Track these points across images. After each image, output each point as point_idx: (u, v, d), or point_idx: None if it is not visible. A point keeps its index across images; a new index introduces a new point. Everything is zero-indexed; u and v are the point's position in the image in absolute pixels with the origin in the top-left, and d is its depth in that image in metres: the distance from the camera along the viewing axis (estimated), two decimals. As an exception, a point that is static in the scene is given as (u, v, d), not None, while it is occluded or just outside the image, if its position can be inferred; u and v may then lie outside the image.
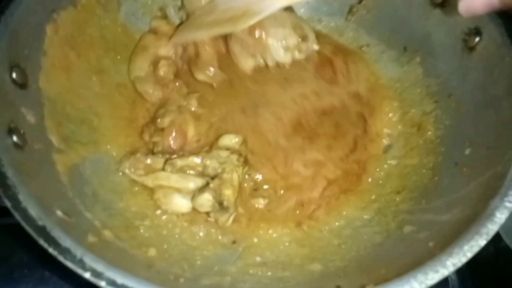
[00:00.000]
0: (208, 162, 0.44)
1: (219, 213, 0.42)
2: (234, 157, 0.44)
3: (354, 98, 0.54)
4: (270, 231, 0.45)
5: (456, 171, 0.43)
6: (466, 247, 0.30)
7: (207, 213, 0.43)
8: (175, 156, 0.46)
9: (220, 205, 0.42)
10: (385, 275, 0.34)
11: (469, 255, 0.30)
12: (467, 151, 0.43)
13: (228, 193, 0.42)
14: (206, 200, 0.42)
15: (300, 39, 0.52)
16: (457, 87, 0.49)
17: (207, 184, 0.43)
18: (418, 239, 0.38)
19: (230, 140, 0.46)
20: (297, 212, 0.46)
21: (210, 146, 0.47)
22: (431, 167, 0.46)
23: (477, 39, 0.46)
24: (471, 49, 0.47)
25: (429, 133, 0.50)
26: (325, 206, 0.47)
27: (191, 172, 0.44)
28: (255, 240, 0.44)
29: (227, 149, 0.45)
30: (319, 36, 0.55)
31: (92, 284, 0.29)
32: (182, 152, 0.47)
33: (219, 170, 0.43)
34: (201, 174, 0.44)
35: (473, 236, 0.31)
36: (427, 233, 0.38)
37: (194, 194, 0.43)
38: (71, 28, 0.48)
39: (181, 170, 0.44)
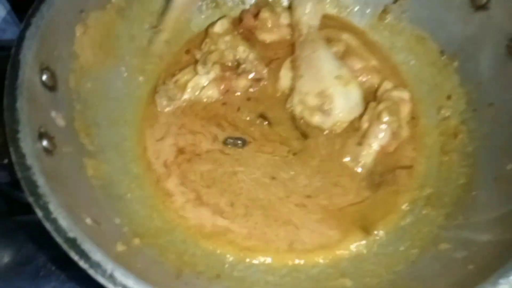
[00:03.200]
0: (222, 46, 0.52)
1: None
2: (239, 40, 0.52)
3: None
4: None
5: (496, 187, 0.41)
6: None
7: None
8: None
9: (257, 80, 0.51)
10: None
11: (516, 285, 0.28)
12: (509, 166, 0.41)
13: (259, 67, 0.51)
14: (243, 82, 0.51)
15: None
16: (498, 96, 0.46)
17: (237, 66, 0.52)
18: (455, 259, 0.36)
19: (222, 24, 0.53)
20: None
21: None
22: (468, 180, 0.44)
23: (523, 45, 0.43)
24: (516, 56, 0.44)
25: (466, 143, 0.48)
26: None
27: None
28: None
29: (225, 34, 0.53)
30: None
31: None
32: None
33: (240, 54, 0.52)
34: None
35: (520, 264, 0.29)
36: (465, 253, 0.36)
37: None
38: (100, 28, 0.47)
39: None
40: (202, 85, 0.50)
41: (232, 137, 0.48)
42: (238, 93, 0.51)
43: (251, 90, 0.52)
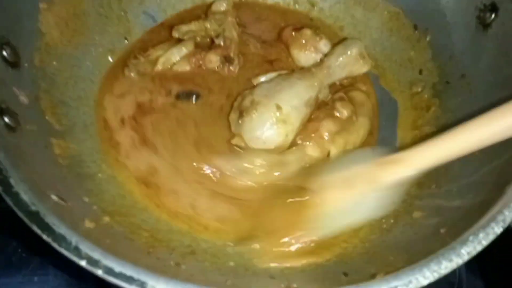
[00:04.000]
0: (208, 25, 0.51)
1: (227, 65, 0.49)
2: (230, 18, 0.51)
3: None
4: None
5: (468, 155, 0.41)
6: (481, 235, 0.29)
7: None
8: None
9: (226, 58, 0.49)
10: (393, 262, 0.33)
11: (485, 243, 0.29)
12: (480, 134, 0.41)
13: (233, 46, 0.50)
14: (214, 57, 0.49)
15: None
16: (470, 67, 0.46)
17: (212, 43, 0.50)
18: (428, 225, 0.37)
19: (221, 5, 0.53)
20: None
21: (205, 14, 0.53)
22: (441, 151, 0.44)
23: (492, 16, 0.44)
24: (486, 26, 0.45)
25: (438, 115, 0.48)
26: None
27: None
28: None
29: (221, 13, 0.52)
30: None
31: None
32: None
33: (219, 31, 0.51)
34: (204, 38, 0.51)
35: (489, 223, 0.29)
36: (437, 219, 0.36)
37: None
38: (66, 4, 0.45)
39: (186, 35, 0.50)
40: (173, 61, 0.49)
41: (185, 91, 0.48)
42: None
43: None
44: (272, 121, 0.43)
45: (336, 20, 0.58)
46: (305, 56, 0.52)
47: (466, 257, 0.28)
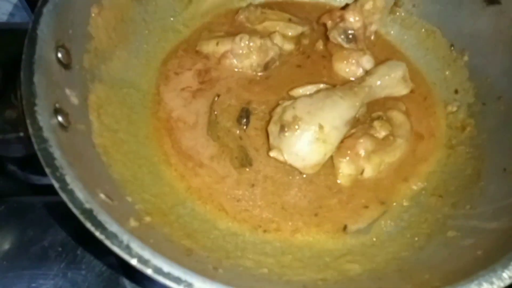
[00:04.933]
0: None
1: None
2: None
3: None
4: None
5: (505, 177, 0.41)
6: (523, 259, 0.29)
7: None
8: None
9: None
10: (429, 281, 0.33)
11: (526, 268, 0.29)
12: (517, 157, 0.41)
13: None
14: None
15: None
16: (507, 89, 0.47)
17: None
18: (463, 246, 0.37)
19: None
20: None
21: None
22: (476, 171, 0.45)
23: (533, 40, 0.44)
24: (525, 50, 0.45)
25: (474, 135, 0.48)
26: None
27: None
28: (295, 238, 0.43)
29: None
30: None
31: (123, 264, 0.29)
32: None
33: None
34: None
35: (530, 248, 0.30)
36: (473, 240, 0.37)
37: None
38: (115, 11, 0.47)
39: None
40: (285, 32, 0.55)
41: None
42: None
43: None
44: (313, 140, 0.43)
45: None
46: (345, 67, 0.52)
47: (507, 281, 0.28)
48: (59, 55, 0.39)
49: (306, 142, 0.43)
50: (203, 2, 0.57)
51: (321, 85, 0.49)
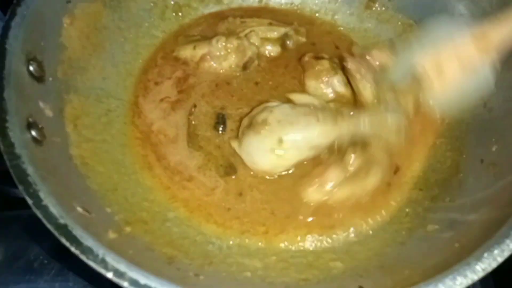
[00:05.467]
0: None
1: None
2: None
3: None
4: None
5: (482, 169, 0.42)
6: (496, 251, 0.29)
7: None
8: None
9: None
10: (409, 276, 0.33)
11: (500, 259, 0.29)
12: (494, 148, 0.42)
13: None
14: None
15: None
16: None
17: None
18: (442, 239, 0.37)
19: None
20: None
21: None
22: (455, 164, 0.45)
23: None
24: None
25: (453, 128, 0.48)
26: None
27: None
28: (279, 238, 0.43)
29: None
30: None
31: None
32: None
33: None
34: None
35: (504, 240, 0.30)
36: (452, 233, 0.37)
37: None
38: (88, 19, 0.47)
39: None
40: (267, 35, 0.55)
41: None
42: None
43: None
44: (268, 149, 0.43)
45: (351, 31, 0.59)
46: (315, 85, 0.50)
47: (481, 274, 0.29)
48: (31, 68, 0.39)
49: (261, 148, 0.43)
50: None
51: (316, 102, 0.46)
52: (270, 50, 0.55)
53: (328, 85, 0.50)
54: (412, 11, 0.55)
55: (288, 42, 0.56)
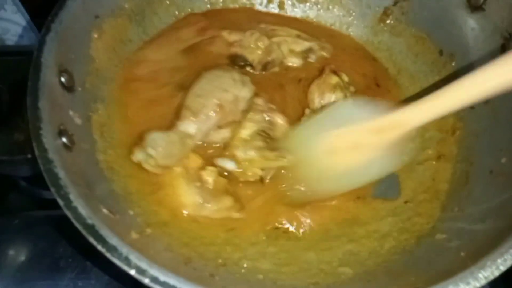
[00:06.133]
0: None
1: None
2: None
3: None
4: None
5: (491, 180, 0.43)
6: (499, 260, 0.30)
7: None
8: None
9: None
10: (414, 282, 0.35)
11: (502, 268, 0.30)
12: (503, 160, 0.43)
13: None
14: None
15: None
16: (494, 93, 0.48)
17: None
18: (449, 248, 0.38)
19: None
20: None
21: None
22: (464, 174, 0.46)
23: (517, 44, 0.45)
24: (511, 55, 0.46)
25: (463, 138, 0.49)
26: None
27: None
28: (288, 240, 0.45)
29: None
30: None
31: (129, 275, 0.31)
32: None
33: None
34: None
35: (508, 250, 0.31)
36: (459, 242, 0.38)
37: None
38: (114, 33, 0.50)
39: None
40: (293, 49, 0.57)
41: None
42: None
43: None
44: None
45: (365, 44, 0.60)
46: (315, 92, 0.52)
47: (483, 281, 0.30)
48: (62, 79, 0.42)
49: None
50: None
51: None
52: (293, 61, 0.57)
53: (323, 99, 0.51)
54: (424, 25, 0.56)
55: (310, 56, 0.57)
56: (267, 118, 0.49)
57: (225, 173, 0.46)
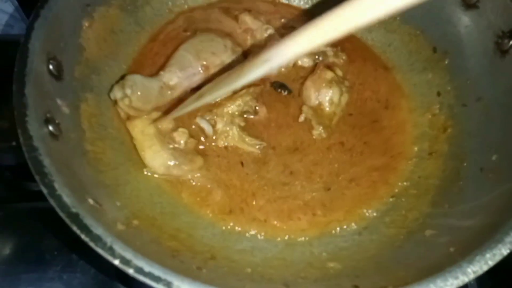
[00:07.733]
0: None
1: None
2: None
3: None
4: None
5: (482, 177, 0.43)
6: (488, 255, 0.30)
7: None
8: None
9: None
10: (404, 277, 0.34)
11: (491, 263, 0.30)
12: (494, 157, 0.43)
13: None
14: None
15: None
16: (486, 91, 0.48)
17: None
18: (439, 244, 0.38)
19: None
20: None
21: None
22: (455, 171, 0.46)
23: (510, 42, 0.45)
24: (504, 52, 0.46)
25: (454, 136, 0.49)
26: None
27: None
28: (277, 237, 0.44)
29: None
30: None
31: (116, 267, 0.30)
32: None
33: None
34: None
35: (496, 245, 0.31)
36: (448, 237, 0.38)
37: None
38: (105, 22, 0.49)
39: None
40: None
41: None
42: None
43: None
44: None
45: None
46: (309, 87, 0.52)
47: (472, 276, 0.30)
48: (51, 67, 0.41)
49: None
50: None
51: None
52: (304, 61, 0.56)
53: (319, 94, 0.51)
54: (420, 22, 0.56)
55: (320, 59, 0.56)
56: (255, 106, 0.50)
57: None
